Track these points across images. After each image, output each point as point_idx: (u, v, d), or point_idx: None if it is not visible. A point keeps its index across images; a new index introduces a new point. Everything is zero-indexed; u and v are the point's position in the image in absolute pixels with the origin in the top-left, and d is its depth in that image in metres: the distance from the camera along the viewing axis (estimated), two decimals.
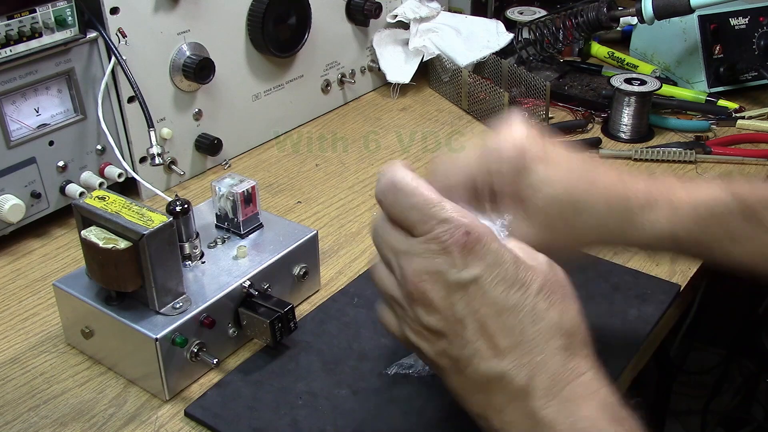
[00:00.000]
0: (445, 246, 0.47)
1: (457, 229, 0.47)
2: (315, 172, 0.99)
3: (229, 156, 1.01)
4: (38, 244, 0.85)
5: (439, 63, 1.16)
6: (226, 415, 0.62)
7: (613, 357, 0.67)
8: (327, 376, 0.66)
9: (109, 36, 0.83)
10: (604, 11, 1.09)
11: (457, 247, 0.46)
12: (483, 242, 0.46)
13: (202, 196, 0.92)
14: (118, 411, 0.64)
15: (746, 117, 1.07)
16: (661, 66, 1.19)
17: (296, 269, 0.73)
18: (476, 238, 0.46)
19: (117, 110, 0.88)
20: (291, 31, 1.02)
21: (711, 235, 0.57)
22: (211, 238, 0.73)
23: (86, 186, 0.86)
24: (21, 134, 0.81)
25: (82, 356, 0.69)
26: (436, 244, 0.47)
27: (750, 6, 1.13)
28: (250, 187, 0.72)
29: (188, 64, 0.90)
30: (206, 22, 0.93)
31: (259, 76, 1.02)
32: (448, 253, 0.47)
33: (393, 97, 1.18)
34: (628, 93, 1.02)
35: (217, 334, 0.66)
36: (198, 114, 0.95)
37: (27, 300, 0.77)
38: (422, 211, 0.48)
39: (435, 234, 0.47)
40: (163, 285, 0.63)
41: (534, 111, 1.07)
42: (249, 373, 0.66)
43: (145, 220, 0.61)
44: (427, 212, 0.47)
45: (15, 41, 0.76)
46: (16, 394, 0.65)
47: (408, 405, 0.63)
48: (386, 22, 1.17)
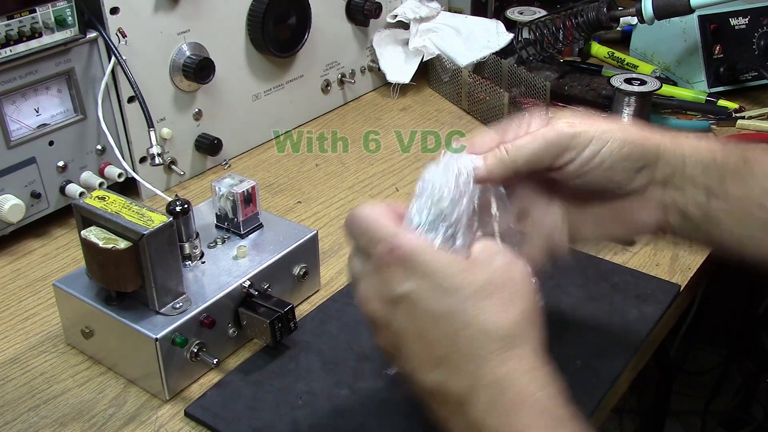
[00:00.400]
0: (380, 265, 0.49)
1: (386, 247, 0.48)
2: (315, 172, 0.99)
3: (229, 156, 1.01)
4: (38, 244, 0.85)
5: (439, 63, 1.16)
6: (226, 415, 0.62)
7: (613, 357, 0.67)
8: (327, 376, 0.66)
9: (109, 36, 0.83)
10: (604, 11, 1.09)
11: (387, 265, 0.48)
12: (411, 257, 0.48)
13: (202, 196, 0.92)
14: (118, 411, 0.64)
15: (746, 117, 1.07)
16: (661, 66, 1.19)
17: (296, 269, 0.73)
18: (404, 253, 0.48)
19: (117, 110, 0.88)
20: (291, 31, 1.02)
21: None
22: (211, 238, 0.73)
23: (86, 186, 0.86)
24: (21, 134, 0.81)
25: (82, 356, 0.69)
26: (375, 265, 0.49)
27: (750, 6, 1.13)
28: (250, 187, 0.72)
29: (188, 64, 0.90)
30: (206, 22, 0.93)
31: (259, 76, 1.02)
32: (382, 273, 0.49)
33: (393, 97, 1.18)
34: (628, 93, 1.02)
35: (217, 334, 0.66)
36: (198, 114, 0.95)
37: (27, 300, 0.77)
38: (368, 235, 0.50)
39: (373, 255, 0.49)
40: (163, 285, 0.63)
41: (534, 111, 1.07)
42: (249, 373, 0.66)
43: (145, 220, 0.61)
44: (371, 235, 0.50)
45: (15, 41, 0.77)
46: (16, 394, 0.65)
47: (408, 405, 0.63)
48: (386, 22, 1.17)
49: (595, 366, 0.66)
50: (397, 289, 0.48)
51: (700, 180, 0.55)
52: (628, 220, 0.58)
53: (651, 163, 0.55)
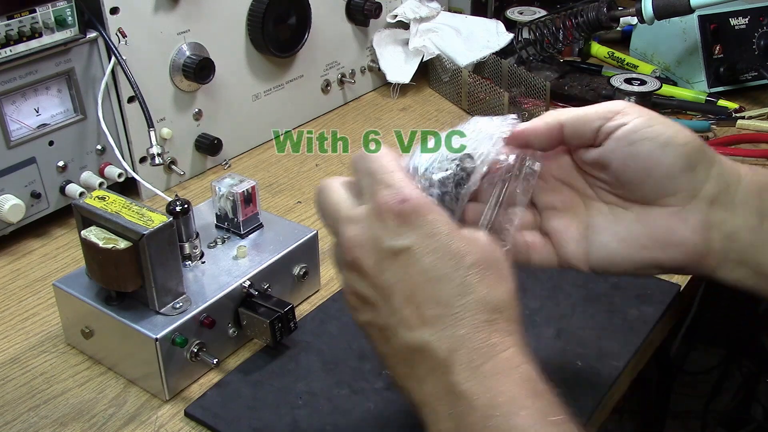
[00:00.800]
0: (382, 212, 0.47)
1: (395, 197, 0.47)
2: (315, 172, 0.99)
3: (229, 156, 1.01)
4: (38, 244, 0.85)
5: (439, 63, 1.16)
6: (226, 415, 0.62)
7: (613, 357, 0.67)
8: (327, 376, 0.66)
9: (109, 36, 0.83)
10: (604, 11, 1.09)
11: (392, 214, 0.47)
12: (419, 212, 0.47)
13: (202, 196, 0.92)
14: (118, 411, 0.64)
15: (746, 117, 1.07)
16: (661, 66, 1.19)
17: (296, 269, 0.73)
18: (412, 206, 0.47)
19: (117, 110, 0.88)
20: (291, 31, 1.02)
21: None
22: (211, 238, 0.73)
23: (86, 186, 0.86)
24: (21, 134, 0.81)
25: (82, 356, 0.69)
26: (375, 209, 0.47)
27: (750, 6, 1.13)
28: (250, 187, 0.72)
29: (188, 64, 0.90)
30: (206, 22, 0.93)
31: (259, 76, 1.02)
32: (383, 220, 0.47)
33: (393, 97, 1.18)
34: (628, 93, 1.02)
35: (217, 334, 0.66)
36: (198, 114, 0.95)
37: (27, 300, 0.77)
38: (374, 176, 0.48)
39: (376, 198, 0.47)
40: (163, 285, 0.63)
41: (534, 111, 1.07)
42: (249, 373, 0.66)
43: (145, 220, 0.61)
44: (378, 177, 0.48)
45: (15, 41, 0.76)
46: (16, 394, 0.65)
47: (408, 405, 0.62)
48: (386, 22, 1.17)
49: (595, 366, 0.66)
50: (398, 241, 0.47)
51: (754, 202, 0.51)
52: (663, 239, 0.53)
53: (706, 166, 0.51)
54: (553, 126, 0.53)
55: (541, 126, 0.53)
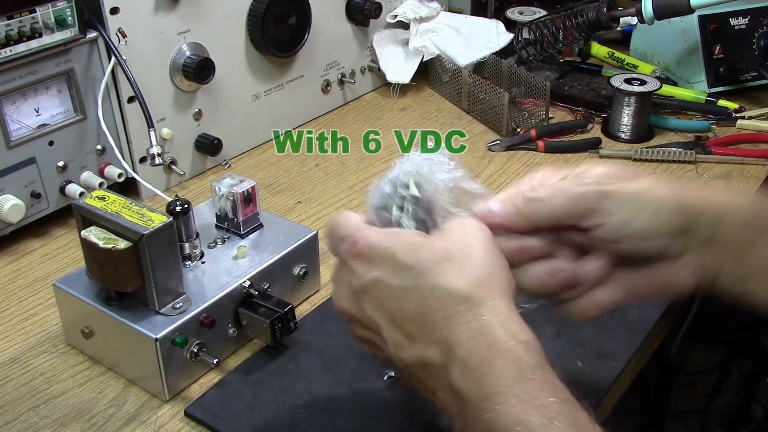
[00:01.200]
0: (346, 261, 0.51)
1: (346, 242, 0.51)
2: (315, 172, 0.99)
3: (229, 156, 1.01)
4: (38, 244, 0.85)
5: (439, 63, 1.16)
6: (226, 415, 0.62)
7: (613, 357, 0.67)
8: (327, 376, 0.66)
9: (109, 36, 0.83)
10: (604, 11, 1.09)
11: (351, 258, 0.50)
12: (372, 246, 0.50)
13: (202, 196, 0.92)
14: (118, 411, 0.64)
15: (746, 117, 1.07)
16: (661, 66, 1.19)
17: (296, 269, 0.73)
18: (364, 244, 0.50)
19: (117, 110, 0.88)
20: (291, 31, 1.02)
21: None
22: (211, 238, 0.73)
23: (86, 186, 0.86)
24: (21, 134, 0.81)
25: (82, 356, 0.69)
26: (341, 262, 0.52)
27: (750, 6, 1.13)
28: (250, 187, 0.72)
29: (188, 64, 0.90)
30: (206, 22, 0.93)
31: (259, 76, 1.02)
32: (349, 268, 0.51)
33: (393, 97, 1.18)
34: (628, 93, 1.02)
35: (217, 334, 0.66)
36: (198, 114, 0.95)
37: (27, 300, 0.77)
38: (333, 238, 0.52)
39: (339, 253, 0.52)
40: (163, 285, 0.63)
41: (534, 111, 1.07)
42: (249, 373, 0.66)
43: (145, 220, 0.61)
44: (336, 236, 0.52)
45: (15, 41, 0.77)
46: (16, 394, 0.65)
47: (408, 405, 0.63)
48: (386, 22, 1.17)
49: (595, 366, 0.66)
50: (363, 278, 0.50)
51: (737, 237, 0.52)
52: (662, 285, 0.54)
53: (690, 228, 0.52)
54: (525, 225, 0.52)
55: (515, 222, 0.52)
